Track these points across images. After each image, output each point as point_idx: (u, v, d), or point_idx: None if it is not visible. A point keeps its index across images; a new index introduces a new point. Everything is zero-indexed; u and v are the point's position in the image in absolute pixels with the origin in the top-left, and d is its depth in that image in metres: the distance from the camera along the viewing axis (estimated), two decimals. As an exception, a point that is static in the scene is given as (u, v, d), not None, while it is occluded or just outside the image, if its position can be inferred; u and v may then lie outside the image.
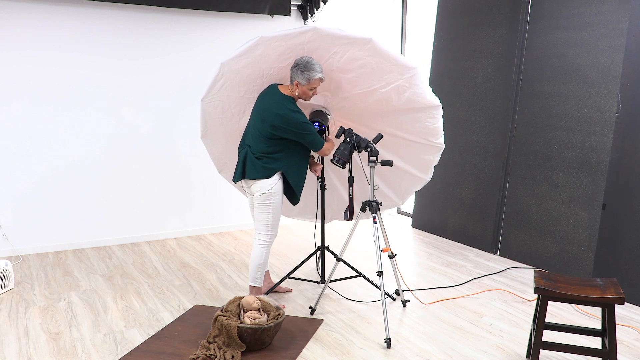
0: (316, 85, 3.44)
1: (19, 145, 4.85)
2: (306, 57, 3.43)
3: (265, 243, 3.61)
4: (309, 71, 3.37)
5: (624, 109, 4.01)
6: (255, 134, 3.50)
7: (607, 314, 2.69)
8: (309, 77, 3.38)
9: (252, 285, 3.68)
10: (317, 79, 3.41)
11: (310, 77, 3.38)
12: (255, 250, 3.61)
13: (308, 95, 3.47)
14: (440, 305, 3.83)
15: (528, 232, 4.71)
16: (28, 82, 4.82)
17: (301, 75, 3.38)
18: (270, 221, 3.58)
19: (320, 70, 3.41)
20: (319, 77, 3.41)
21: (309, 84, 3.41)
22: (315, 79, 3.40)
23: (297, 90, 3.45)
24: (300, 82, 3.40)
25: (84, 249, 5.15)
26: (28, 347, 3.16)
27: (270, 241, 3.62)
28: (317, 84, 3.45)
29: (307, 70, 3.37)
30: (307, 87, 3.42)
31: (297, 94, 3.47)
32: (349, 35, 3.40)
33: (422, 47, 6.29)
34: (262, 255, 3.61)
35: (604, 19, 4.14)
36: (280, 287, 4.02)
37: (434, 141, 3.89)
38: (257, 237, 3.63)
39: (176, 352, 3.06)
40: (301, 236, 5.66)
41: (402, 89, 3.58)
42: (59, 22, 4.87)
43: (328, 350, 3.14)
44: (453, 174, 5.47)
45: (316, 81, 3.42)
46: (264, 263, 3.64)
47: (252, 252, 3.64)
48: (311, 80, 3.39)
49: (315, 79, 3.40)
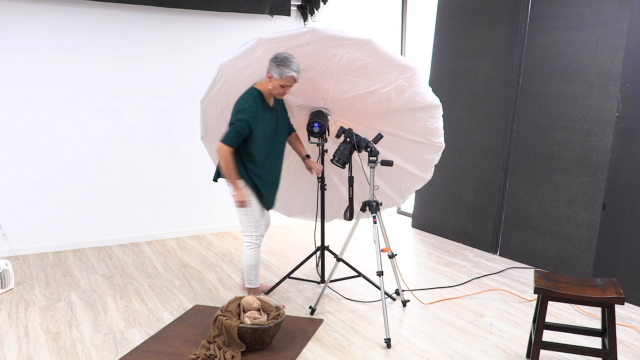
0: (289, 83, 3.34)
1: (19, 145, 4.85)
2: (287, 54, 3.33)
3: (251, 244, 3.58)
4: (284, 66, 3.29)
5: (624, 109, 4.01)
6: None
7: (607, 314, 2.69)
8: (282, 72, 3.29)
9: (248, 287, 3.68)
10: (290, 77, 3.31)
11: (283, 72, 3.29)
12: (244, 252, 3.61)
13: (280, 92, 3.37)
14: (440, 305, 3.83)
15: (528, 232, 4.70)
16: (28, 82, 4.82)
17: (276, 69, 3.30)
18: (252, 222, 3.55)
19: (296, 70, 3.31)
20: (292, 76, 3.30)
21: (281, 80, 3.31)
22: (288, 76, 3.30)
23: (270, 84, 3.37)
24: (274, 75, 3.32)
25: (84, 249, 5.15)
26: (28, 347, 3.16)
27: (257, 242, 3.59)
28: (290, 83, 3.34)
29: (283, 66, 3.29)
30: (278, 83, 3.32)
31: (269, 87, 3.38)
32: (348, 36, 3.40)
33: (422, 47, 6.29)
34: (252, 257, 3.59)
35: (604, 19, 4.14)
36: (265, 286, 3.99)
37: (434, 140, 3.89)
38: (244, 239, 3.62)
39: (176, 352, 3.06)
40: (301, 236, 5.66)
41: (402, 89, 3.58)
42: (59, 22, 4.87)
43: (328, 350, 3.14)
44: (453, 174, 5.47)
45: (289, 79, 3.31)
46: (255, 264, 3.62)
47: (242, 254, 3.64)
48: (283, 76, 3.30)
49: (288, 75, 3.29)
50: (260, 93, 3.41)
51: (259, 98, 3.40)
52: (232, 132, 3.30)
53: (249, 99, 3.36)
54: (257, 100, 3.38)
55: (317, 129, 3.61)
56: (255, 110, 3.34)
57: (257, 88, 3.43)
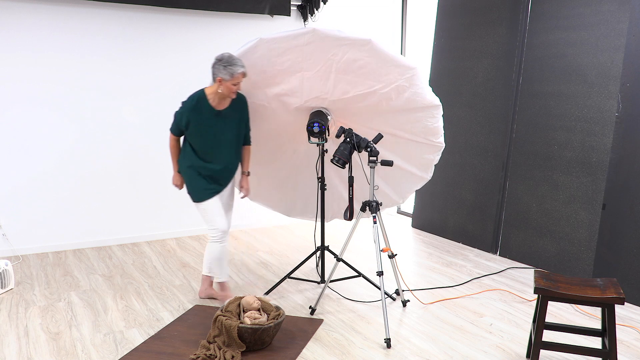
0: (239, 80, 3.43)
1: (19, 145, 4.85)
2: (227, 53, 3.43)
3: (212, 238, 3.66)
4: (231, 66, 3.37)
5: (624, 109, 4.01)
6: None
7: (607, 314, 2.69)
8: (232, 71, 3.37)
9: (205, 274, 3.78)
10: (240, 74, 3.41)
11: (234, 71, 3.37)
12: (207, 245, 3.72)
13: (232, 91, 3.46)
14: (440, 305, 3.83)
15: (528, 232, 4.70)
16: (28, 82, 4.82)
17: (224, 71, 3.38)
18: (208, 217, 3.63)
19: (242, 65, 3.41)
20: (241, 72, 3.41)
21: (233, 79, 3.40)
22: (238, 74, 3.40)
23: (221, 87, 3.44)
24: (224, 77, 3.39)
25: (84, 249, 5.15)
26: (28, 347, 3.16)
27: (216, 236, 3.63)
28: (241, 79, 3.44)
29: (230, 65, 3.37)
30: (230, 83, 3.41)
31: (220, 90, 3.46)
32: (348, 37, 3.40)
33: (422, 47, 6.29)
34: (214, 250, 3.66)
35: (604, 19, 4.14)
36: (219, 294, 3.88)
37: (434, 140, 3.89)
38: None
39: (176, 352, 3.06)
40: (301, 236, 5.66)
41: (402, 89, 3.58)
42: (58, 22, 4.87)
43: (328, 350, 3.14)
44: (453, 174, 5.47)
45: (239, 76, 3.41)
46: (217, 257, 3.68)
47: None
48: (234, 74, 3.38)
49: (238, 73, 3.39)
50: (204, 95, 3.52)
51: (198, 98, 3.51)
52: (173, 123, 3.63)
53: (190, 99, 3.54)
54: (194, 100, 3.51)
55: (317, 129, 3.61)
56: (189, 107, 3.51)
57: (204, 90, 3.55)
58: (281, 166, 4.26)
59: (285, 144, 4.14)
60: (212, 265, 3.75)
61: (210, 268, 3.77)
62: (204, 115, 3.53)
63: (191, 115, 3.51)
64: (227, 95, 3.50)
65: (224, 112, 3.58)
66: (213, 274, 3.79)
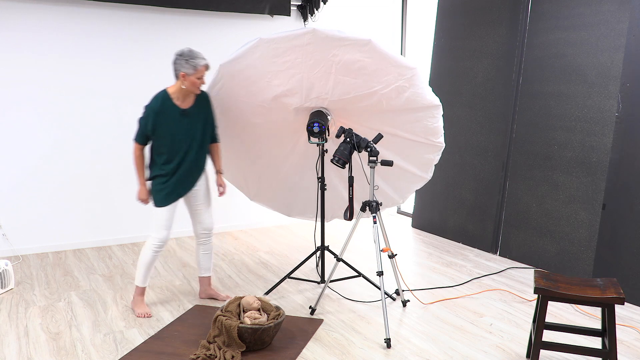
0: (202, 73, 3.41)
1: (19, 145, 4.85)
2: (186, 48, 3.40)
3: (149, 244, 3.55)
4: (194, 59, 3.35)
5: (624, 109, 4.01)
6: None
7: (607, 314, 2.69)
8: (195, 64, 3.35)
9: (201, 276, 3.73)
10: (203, 66, 3.39)
11: (197, 64, 3.36)
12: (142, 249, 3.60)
13: (196, 85, 3.43)
14: (440, 305, 3.83)
15: (528, 232, 4.70)
16: (28, 82, 4.82)
17: (187, 65, 3.35)
18: (153, 224, 3.54)
19: (204, 57, 3.40)
20: (204, 64, 3.39)
21: (196, 72, 3.37)
22: (201, 66, 3.37)
23: (185, 82, 3.40)
24: (187, 72, 3.36)
25: (84, 249, 5.15)
26: (28, 347, 3.16)
27: (154, 244, 3.52)
28: (204, 72, 3.41)
29: (192, 59, 3.35)
30: (194, 77, 3.38)
31: (184, 86, 3.42)
32: (348, 37, 3.39)
33: (422, 47, 6.29)
34: (145, 255, 3.55)
35: (604, 19, 4.14)
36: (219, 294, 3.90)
37: (434, 140, 3.90)
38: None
39: (176, 352, 3.06)
40: (301, 236, 5.66)
41: (402, 89, 3.58)
42: (58, 23, 4.87)
43: (328, 350, 3.14)
44: (453, 174, 5.47)
45: (202, 68, 3.39)
46: (144, 264, 3.56)
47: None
48: (198, 67, 3.36)
49: (201, 66, 3.37)
50: (167, 95, 3.47)
51: (162, 99, 3.45)
52: (137, 130, 3.49)
53: (153, 101, 3.47)
54: (158, 100, 3.45)
55: (317, 129, 3.61)
56: (155, 110, 3.42)
57: (166, 90, 3.50)
58: (281, 166, 4.26)
59: (285, 144, 4.14)
60: (140, 271, 3.61)
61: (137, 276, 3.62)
62: (169, 116, 3.45)
63: (157, 118, 3.42)
64: (191, 91, 3.46)
65: (189, 110, 3.51)
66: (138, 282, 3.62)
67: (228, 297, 3.88)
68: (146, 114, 3.45)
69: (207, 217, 3.75)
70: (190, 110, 3.52)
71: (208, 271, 3.87)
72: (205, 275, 3.87)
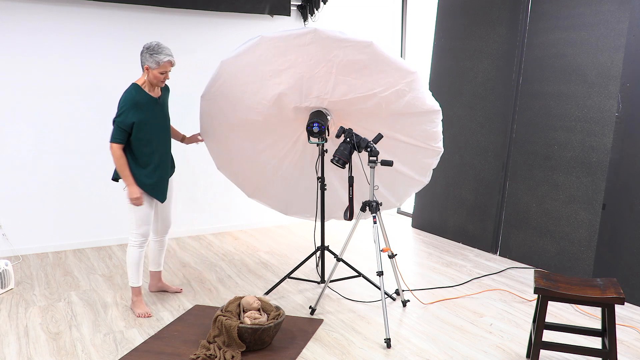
0: (167, 68, 3.39)
1: (19, 145, 4.85)
2: (155, 41, 3.40)
3: (132, 242, 3.58)
4: (157, 54, 3.35)
5: (624, 109, 4.01)
6: None
7: (607, 314, 2.69)
8: (158, 60, 3.35)
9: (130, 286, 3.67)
10: (167, 62, 3.37)
11: (160, 60, 3.35)
12: (127, 250, 3.64)
13: (160, 79, 3.42)
14: (440, 305, 3.83)
15: (528, 232, 4.70)
16: (29, 82, 4.82)
17: (150, 59, 3.35)
18: (134, 220, 3.55)
19: (169, 54, 3.37)
20: (168, 60, 3.37)
21: (159, 67, 3.37)
22: (164, 62, 3.36)
23: (148, 75, 3.41)
24: (151, 65, 3.37)
25: (84, 249, 5.15)
26: (28, 347, 3.16)
27: (137, 240, 3.56)
28: (168, 67, 3.40)
29: (156, 54, 3.35)
30: (157, 71, 3.38)
31: (146, 78, 3.43)
32: (350, 39, 3.40)
33: (422, 47, 6.29)
34: (132, 254, 3.59)
35: (604, 19, 4.14)
36: (170, 287, 4.01)
37: (433, 145, 3.90)
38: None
39: (176, 352, 3.06)
40: (301, 236, 5.66)
41: (402, 93, 3.58)
42: (58, 23, 4.87)
43: (328, 350, 3.14)
44: (453, 174, 5.47)
45: (166, 64, 3.37)
46: (133, 262, 3.59)
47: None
48: (161, 63, 3.35)
49: (164, 61, 3.36)
50: (137, 87, 3.46)
51: (136, 91, 3.44)
52: (115, 129, 3.42)
53: (126, 94, 3.44)
54: (133, 93, 3.43)
55: (316, 129, 3.61)
56: (133, 100, 3.40)
57: (136, 83, 3.49)
58: (280, 164, 4.26)
59: (284, 143, 4.13)
60: (130, 271, 3.61)
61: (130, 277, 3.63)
62: (146, 106, 3.46)
63: (136, 109, 3.41)
64: (155, 84, 3.47)
65: (160, 99, 3.56)
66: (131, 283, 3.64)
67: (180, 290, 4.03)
68: (124, 108, 3.40)
69: (170, 214, 3.86)
70: (161, 99, 3.58)
71: (160, 266, 3.98)
72: (157, 270, 3.98)
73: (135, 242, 3.58)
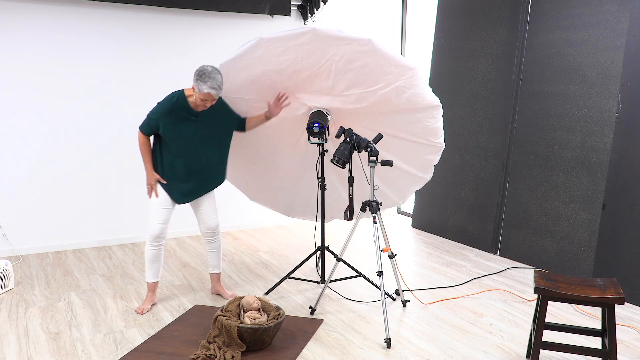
0: (208, 98, 3.35)
1: (20, 145, 4.85)
2: (210, 67, 3.34)
3: (146, 239, 3.66)
4: (202, 82, 3.31)
5: (624, 109, 4.01)
6: None
7: (607, 314, 2.69)
8: (199, 87, 3.33)
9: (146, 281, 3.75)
10: (206, 93, 3.32)
11: (200, 88, 3.32)
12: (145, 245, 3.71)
13: (200, 104, 3.41)
14: (440, 305, 3.83)
15: (528, 232, 4.70)
16: (29, 83, 4.82)
17: (195, 83, 3.35)
18: (149, 217, 3.63)
19: (214, 86, 3.31)
20: (207, 92, 3.32)
21: (200, 94, 3.35)
22: (203, 92, 3.32)
23: (193, 94, 3.43)
24: (195, 87, 3.37)
25: (84, 249, 5.15)
26: (28, 347, 3.16)
27: (148, 238, 3.62)
28: (208, 98, 3.35)
29: (200, 81, 3.31)
30: (199, 96, 3.37)
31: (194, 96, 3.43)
32: (348, 36, 3.39)
33: (422, 47, 6.29)
34: (146, 252, 3.67)
35: (604, 19, 4.14)
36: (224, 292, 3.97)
37: (434, 141, 3.89)
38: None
39: (176, 352, 3.06)
40: (301, 236, 5.66)
41: (402, 89, 3.58)
42: (58, 23, 4.87)
43: (328, 350, 3.14)
44: (453, 174, 5.47)
45: (205, 95, 3.33)
46: (148, 259, 3.66)
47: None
48: (201, 91, 3.32)
49: (203, 92, 3.32)
50: (183, 97, 3.47)
51: (177, 97, 3.47)
52: (144, 121, 3.55)
53: (169, 97, 3.49)
54: (174, 99, 3.46)
55: (317, 129, 3.61)
56: (166, 109, 3.45)
57: (184, 91, 3.50)
58: (280, 166, 4.26)
59: (285, 144, 4.14)
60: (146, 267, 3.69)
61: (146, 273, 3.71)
62: (181, 116, 3.47)
63: (166, 117, 3.45)
64: (195, 106, 3.47)
65: (201, 115, 3.53)
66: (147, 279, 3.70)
67: (233, 295, 3.94)
68: (158, 107, 3.49)
69: (209, 217, 3.81)
70: (199, 114, 3.54)
71: (216, 268, 3.93)
72: (213, 272, 3.95)
73: (147, 239, 3.65)
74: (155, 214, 3.61)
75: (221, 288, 3.97)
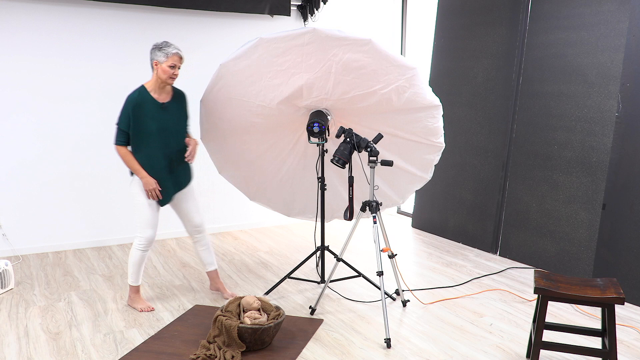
0: (174, 61, 3.41)
1: (19, 145, 4.85)
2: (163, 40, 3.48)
3: (136, 244, 3.59)
4: (166, 47, 3.40)
5: (624, 109, 4.01)
6: None
7: (607, 314, 2.69)
8: (167, 52, 3.39)
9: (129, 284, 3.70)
10: (175, 54, 3.41)
11: (168, 52, 3.38)
12: (131, 249, 3.64)
13: (169, 74, 3.43)
14: (440, 305, 3.83)
15: (528, 232, 4.70)
16: (28, 82, 4.82)
17: (159, 52, 3.40)
18: (138, 223, 3.57)
19: (175, 47, 3.43)
20: (176, 52, 3.41)
21: (168, 60, 3.39)
22: (173, 54, 3.39)
23: (157, 72, 3.43)
24: (159, 59, 3.40)
25: (84, 249, 5.15)
26: (28, 347, 3.16)
27: (141, 243, 3.58)
28: (176, 61, 3.42)
29: (165, 47, 3.40)
30: (166, 64, 3.40)
31: (156, 76, 3.44)
32: (348, 37, 3.40)
33: (422, 47, 6.29)
34: (133, 255, 3.61)
35: (604, 19, 4.14)
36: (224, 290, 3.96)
37: (434, 140, 3.90)
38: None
39: (176, 352, 3.06)
40: (301, 236, 5.66)
41: (402, 89, 3.58)
42: (58, 23, 4.87)
43: (328, 350, 3.15)
44: (453, 174, 5.47)
45: (174, 56, 3.40)
46: (134, 262, 3.62)
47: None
48: (169, 55, 3.38)
49: (173, 53, 3.39)
50: (145, 90, 3.49)
51: (138, 93, 3.47)
52: (116, 131, 3.50)
53: (129, 96, 3.47)
54: (135, 94, 3.46)
55: (317, 129, 3.61)
56: (131, 107, 3.43)
57: (143, 85, 3.52)
58: (281, 166, 4.26)
59: (284, 144, 4.14)
60: (130, 269, 3.64)
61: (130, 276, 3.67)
62: (148, 110, 3.46)
63: (135, 112, 3.43)
64: (165, 81, 3.46)
65: (167, 104, 3.54)
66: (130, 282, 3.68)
67: (233, 295, 3.92)
68: (123, 110, 3.46)
69: (194, 214, 3.78)
70: (168, 105, 3.55)
71: (211, 265, 3.91)
72: (210, 270, 3.92)
73: (139, 245, 3.59)
74: (146, 218, 3.56)
75: (220, 284, 3.96)
